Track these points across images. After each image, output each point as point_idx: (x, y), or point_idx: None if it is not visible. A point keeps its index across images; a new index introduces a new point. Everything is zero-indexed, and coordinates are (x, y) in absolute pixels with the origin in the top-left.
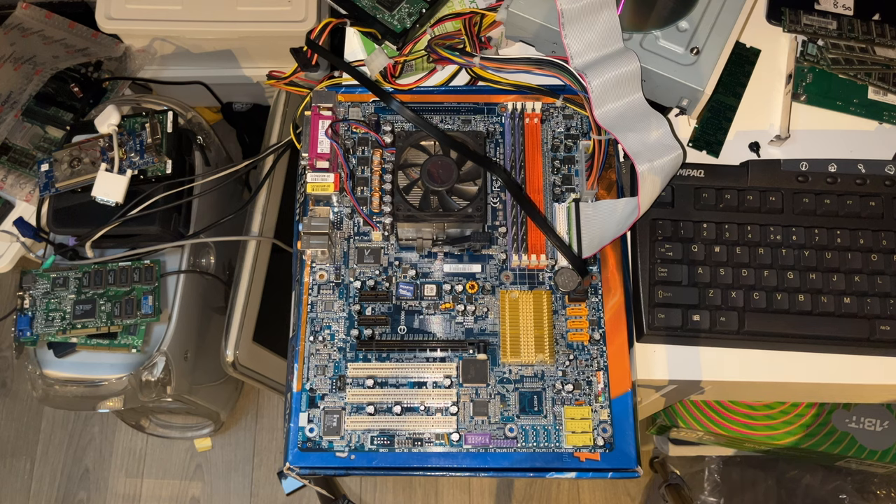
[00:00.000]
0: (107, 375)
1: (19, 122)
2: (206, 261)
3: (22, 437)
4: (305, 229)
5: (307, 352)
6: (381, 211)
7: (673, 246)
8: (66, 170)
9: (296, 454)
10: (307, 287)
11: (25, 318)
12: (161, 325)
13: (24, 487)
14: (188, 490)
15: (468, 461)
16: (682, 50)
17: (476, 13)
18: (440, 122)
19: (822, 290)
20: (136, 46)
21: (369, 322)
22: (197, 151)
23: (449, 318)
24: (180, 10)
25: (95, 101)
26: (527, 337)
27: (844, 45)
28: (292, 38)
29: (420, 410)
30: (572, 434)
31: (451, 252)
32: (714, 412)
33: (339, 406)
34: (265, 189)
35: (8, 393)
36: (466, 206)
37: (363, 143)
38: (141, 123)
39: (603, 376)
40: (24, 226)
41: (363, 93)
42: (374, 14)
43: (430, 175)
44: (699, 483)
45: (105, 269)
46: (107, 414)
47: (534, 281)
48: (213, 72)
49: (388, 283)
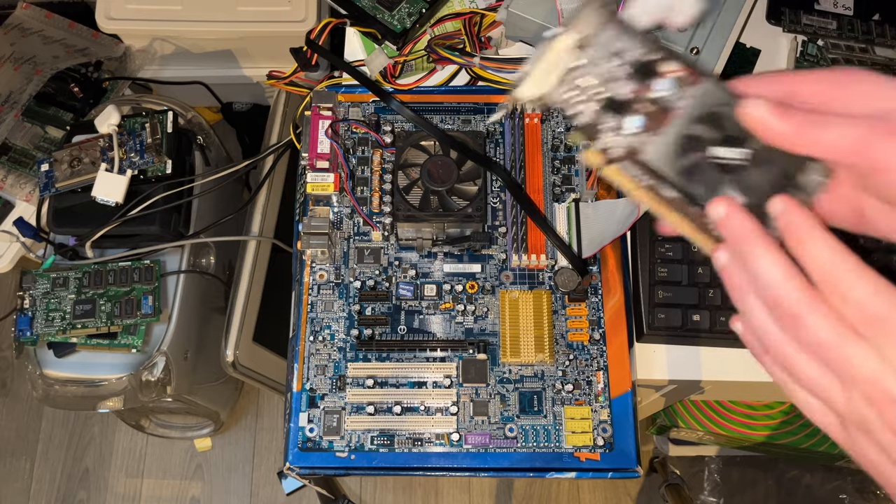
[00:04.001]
0: (107, 375)
1: (19, 122)
2: (206, 261)
3: (22, 437)
4: (305, 229)
5: (307, 352)
6: (381, 211)
7: (673, 246)
8: (66, 170)
9: (296, 454)
10: (307, 287)
11: (25, 318)
12: (161, 325)
13: (24, 487)
14: (188, 490)
15: (468, 461)
16: (682, 50)
17: (476, 13)
18: (440, 122)
19: None
20: (136, 46)
21: (369, 322)
22: (197, 151)
23: (449, 318)
24: (180, 10)
25: (95, 101)
26: (527, 337)
27: (844, 45)
28: (292, 38)
29: (420, 410)
30: (572, 434)
31: (451, 252)
32: (714, 412)
33: (339, 406)
34: (265, 189)
35: (8, 393)
36: (466, 206)
37: (363, 143)
38: (141, 123)
39: (603, 376)
40: (24, 226)
41: (363, 93)
42: (374, 14)
43: (430, 175)
44: (699, 483)
45: (105, 269)
46: (107, 414)
47: (534, 281)
48: (213, 72)
49: (388, 283)
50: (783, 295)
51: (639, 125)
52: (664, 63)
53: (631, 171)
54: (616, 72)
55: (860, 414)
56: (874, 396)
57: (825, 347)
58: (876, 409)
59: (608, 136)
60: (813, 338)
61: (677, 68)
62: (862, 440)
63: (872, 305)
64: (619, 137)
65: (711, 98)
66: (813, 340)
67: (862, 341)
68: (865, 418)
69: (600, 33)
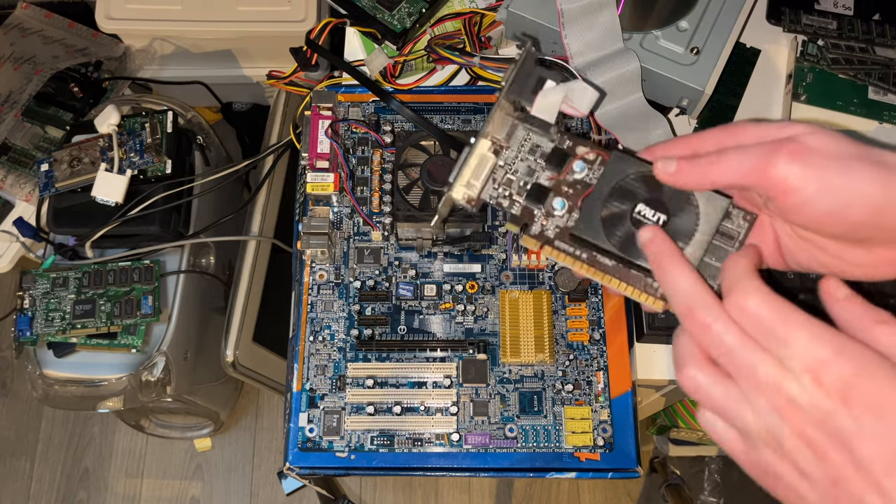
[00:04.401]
0: (107, 375)
1: (19, 122)
2: (206, 261)
3: (22, 437)
4: (305, 229)
5: (307, 352)
6: (380, 211)
7: None
8: (66, 170)
9: (296, 454)
10: (307, 287)
11: (25, 319)
12: (161, 325)
13: (24, 487)
14: (188, 490)
15: (468, 461)
16: (682, 50)
17: (476, 13)
18: (440, 122)
19: None
20: (136, 46)
21: (369, 322)
22: (197, 151)
23: (449, 318)
24: (180, 10)
25: (95, 101)
26: (527, 337)
27: (844, 45)
28: (292, 38)
29: (420, 410)
30: (572, 434)
31: (451, 252)
32: None
33: (338, 406)
34: (265, 189)
35: (8, 393)
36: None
37: (363, 142)
38: (141, 123)
39: (603, 376)
40: (23, 226)
41: (363, 93)
42: (374, 14)
43: (430, 175)
44: (699, 483)
45: (105, 269)
46: (107, 414)
47: (534, 281)
48: (213, 72)
49: (388, 283)
50: (693, 304)
51: (562, 206)
52: (576, 147)
53: (567, 248)
54: (534, 164)
55: (766, 423)
56: (778, 404)
57: (730, 354)
58: (781, 415)
59: (539, 222)
60: (720, 345)
61: (586, 150)
62: (768, 455)
63: (767, 318)
64: (548, 221)
65: (621, 169)
66: (721, 349)
67: (763, 352)
68: (772, 427)
69: (514, 134)
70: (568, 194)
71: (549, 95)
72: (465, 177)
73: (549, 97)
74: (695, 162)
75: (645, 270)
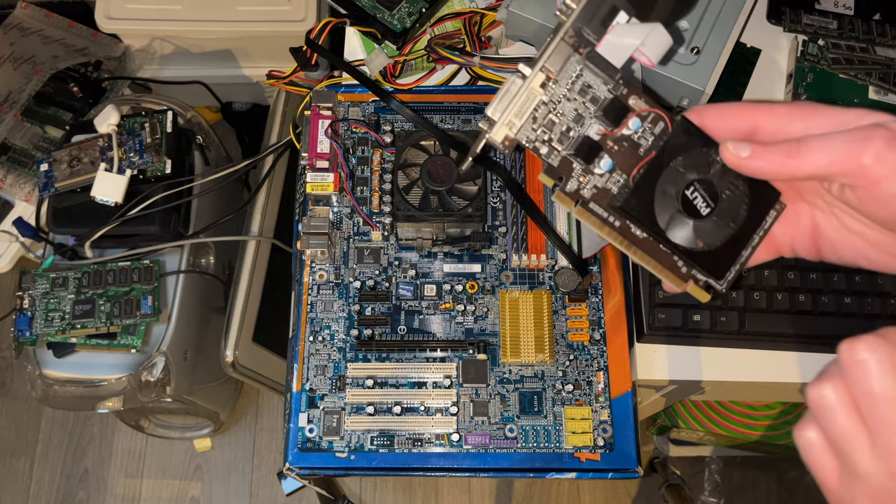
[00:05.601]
0: (106, 375)
1: (19, 122)
2: (205, 261)
3: (22, 437)
4: (305, 229)
5: (307, 352)
6: (380, 211)
7: None
8: (66, 170)
9: (296, 454)
10: (307, 287)
11: (25, 319)
12: (160, 325)
13: (23, 488)
14: (188, 490)
15: (468, 461)
16: (682, 50)
17: (476, 13)
18: (440, 122)
19: (823, 290)
20: (135, 46)
21: (369, 322)
22: (196, 151)
23: (449, 318)
24: (180, 10)
25: (95, 100)
26: (527, 337)
27: (845, 45)
28: (292, 38)
29: (420, 410)
30: (572, 434)
31: (451, 252)
32: (714, 412)
33: (338, 406)
34: (265, 189)
35: (8, 393)
36: (466, 206)
37: (363, 142)
38: (140, 123)
39: (603, 376)
40: (23, 226)
41: (363, 92)
42: (374, 14)
43: (430, 175)
44: (699, 483)
45: (104, 269)
46: (106, 414)
47: (534, 281)
48: (213, 72)
49: (388, 283)
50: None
51: (608, 167)
52: (630, 99)
53: (601, 212)
54: (584, 110)
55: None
56: None
57: (874, 405)
58: None
59: (577, 178)
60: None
61: (643, 107)
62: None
63: None
64: (585, 178)
65: (686, 144)
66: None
67: None
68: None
69: (569, 69)
70: (614, 153)
71: (625, 35)
72: (509, 115)
73: (623, 37)
74: (773, 149)
75: (676, 250)
